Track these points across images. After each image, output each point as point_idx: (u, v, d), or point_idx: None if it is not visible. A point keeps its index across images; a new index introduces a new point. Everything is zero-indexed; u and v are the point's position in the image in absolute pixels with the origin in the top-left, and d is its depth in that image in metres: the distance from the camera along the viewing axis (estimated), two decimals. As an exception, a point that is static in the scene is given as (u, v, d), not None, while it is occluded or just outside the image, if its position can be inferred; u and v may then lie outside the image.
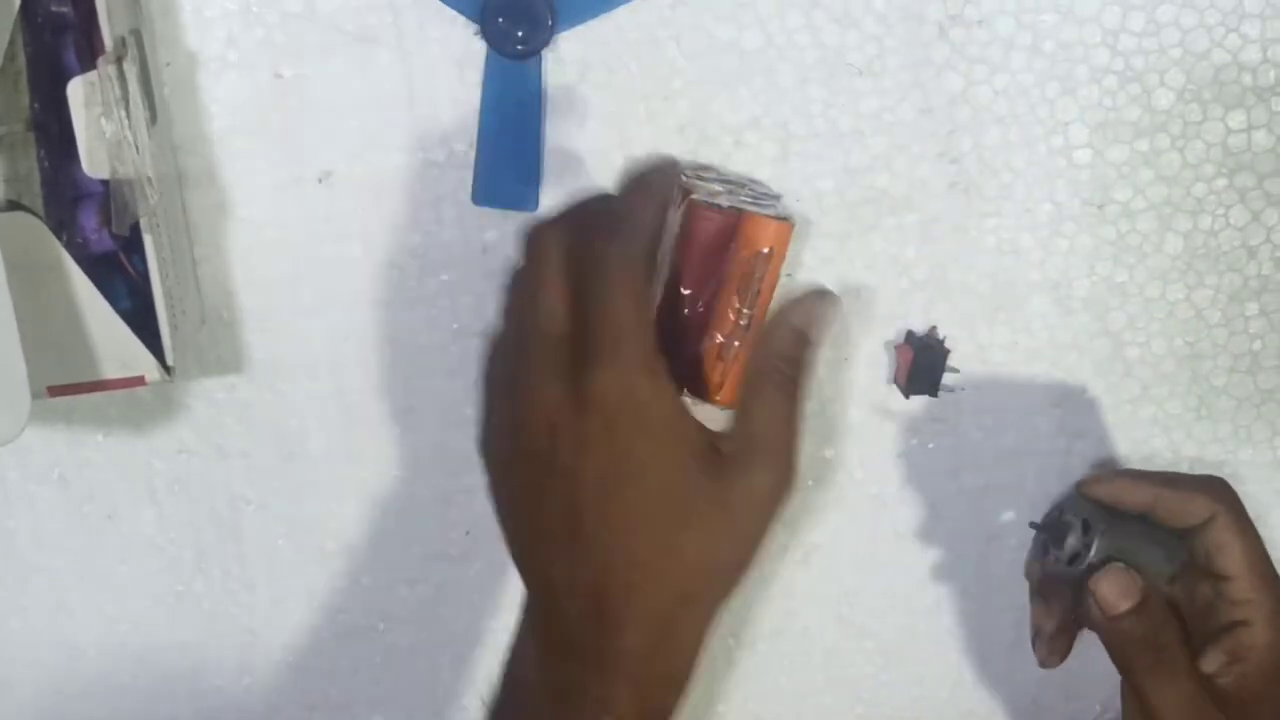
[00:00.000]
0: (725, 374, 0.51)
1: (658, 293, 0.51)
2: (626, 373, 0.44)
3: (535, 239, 0.47)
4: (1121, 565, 0.52)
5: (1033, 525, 0.55)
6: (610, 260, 0.45)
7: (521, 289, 0.47)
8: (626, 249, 0.45)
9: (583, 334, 0.45)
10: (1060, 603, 0.56)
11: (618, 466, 0.44)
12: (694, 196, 0.51)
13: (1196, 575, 0.53)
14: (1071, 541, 0.53)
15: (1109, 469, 0.58)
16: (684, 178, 0.53)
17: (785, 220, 0.51)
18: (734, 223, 0.51)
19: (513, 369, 0.46)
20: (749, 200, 0.52)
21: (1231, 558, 0.52)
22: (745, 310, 0.51)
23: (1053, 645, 0.56)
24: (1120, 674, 0.52)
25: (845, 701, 0.61)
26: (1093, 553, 0.52)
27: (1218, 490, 0.53)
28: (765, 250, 0.51)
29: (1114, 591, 0.52)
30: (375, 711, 0.59)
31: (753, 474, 0.46)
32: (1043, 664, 0.56)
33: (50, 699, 0.59)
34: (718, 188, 0.52)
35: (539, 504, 0.45)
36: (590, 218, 0.47)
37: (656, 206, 0.47)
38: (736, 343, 0.51)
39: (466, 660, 0.59)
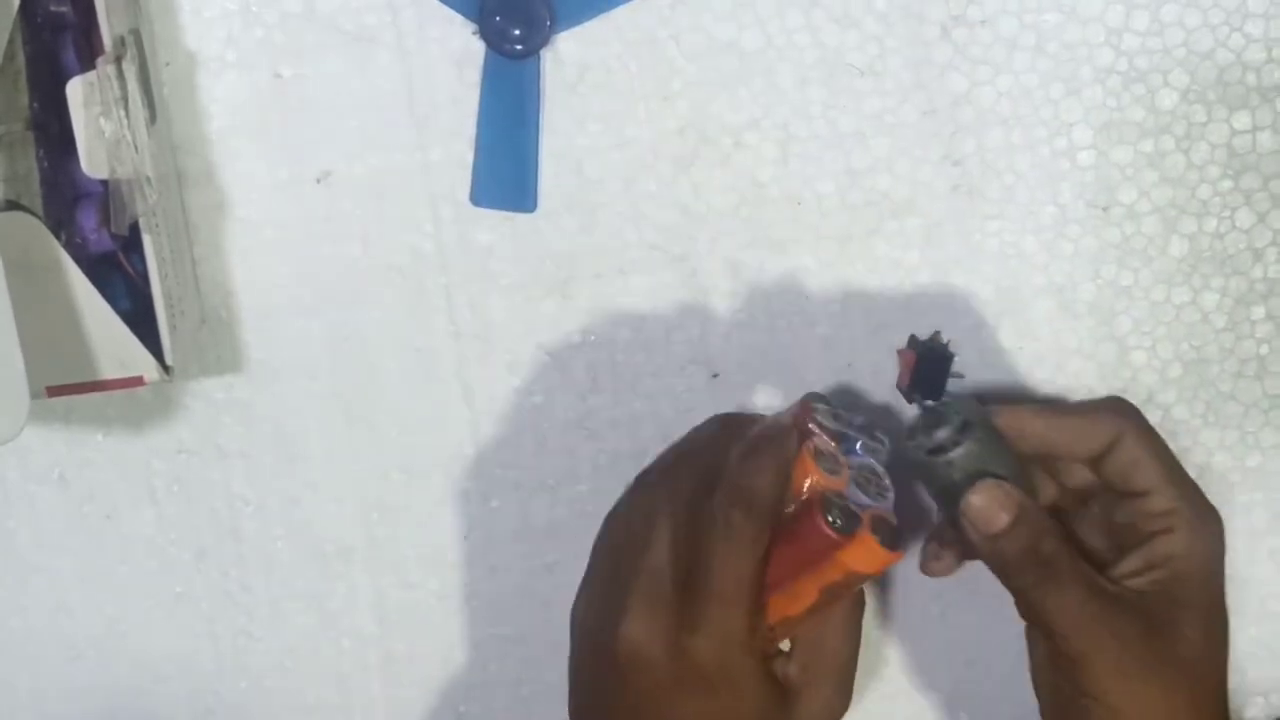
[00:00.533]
0: (772, 638, 0.50)
1: None
2: (727, 644, 0.47)
3: (659, 479, 0.50)
4: (992, 479, 0.48)
5: (916, 402, 0.51)
6: (733, 524, 0.47)
7: (636, 526, 0.49)
8: (749, 513, 0.47)
9: (693, 585, 0.47)
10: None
11: None
12: (819, 513, 0.47)
13: (1112, 501, 0.51)
14: (942, 434, 0.49)
15: (1015, 401, 0.55)
16: (812, 423, 0.50)
17: (896, 553, 0.47)
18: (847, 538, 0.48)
19: (618, 598, 0.48)
20: (863, 496, 0.49)
21: (1146, 472, 0.49)
22: (819, 604, 0.48)
23: (936, 552, 0.54)
24: (1012, 596, 0.49)
25: (848, 713, 0.60)
26: (958, 450, 0.49)
27: (1120, 408, 0.51)
28: (865, 573, 0.48)
29: (988, 507, 0.48)
30: (371, 716, 0.59)
31: (814, 702, 0.49)
32: (922, 569, 0.54)
33: (50, 699, 0.59)
34: (842, 455, 0.49)
35: None
36: (713, 469, 0.49)
37: (781, 474, 0.48)
38: (796, 627, 0.49)
39: (463, 666, 0.59)
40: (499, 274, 0.56)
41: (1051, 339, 0.56)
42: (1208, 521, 0.50)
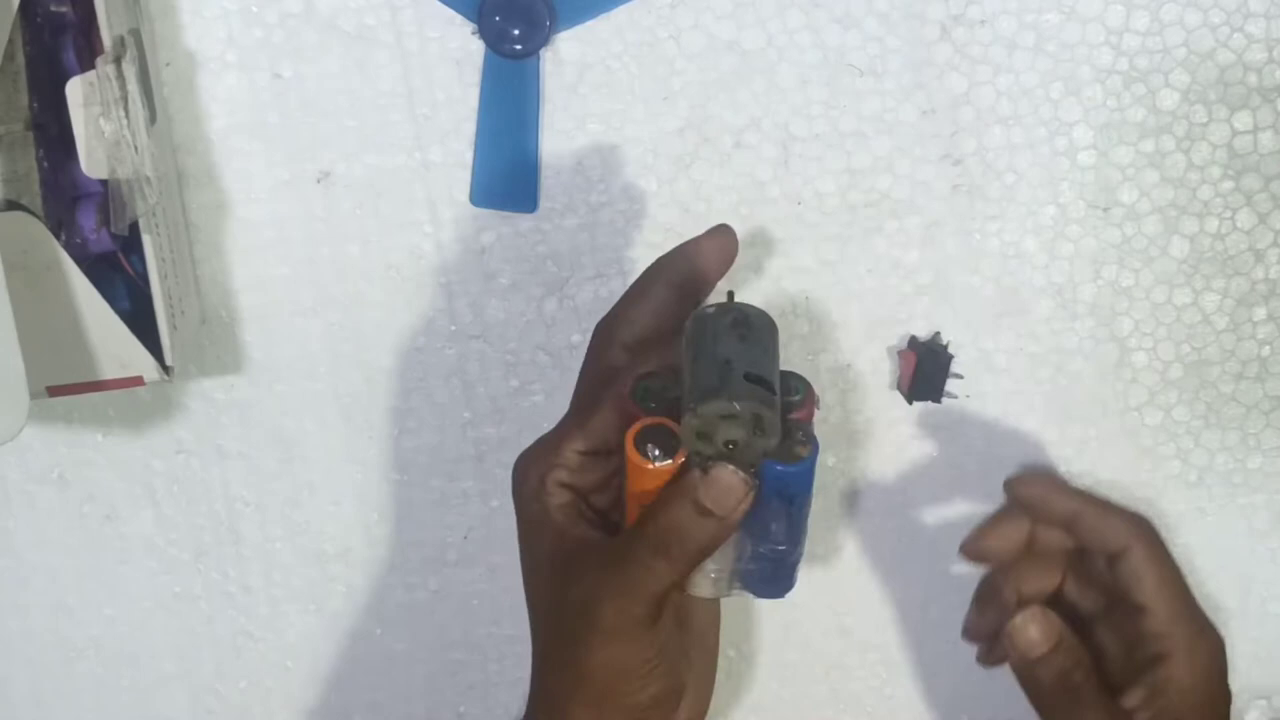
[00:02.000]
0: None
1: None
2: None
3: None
4: (1041, 606, 0.50)
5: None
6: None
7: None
8: (614, 331, 0.48)
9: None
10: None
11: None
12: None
13: (1122, 611, 0.52)
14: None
15: (1039, 471, 0.57)
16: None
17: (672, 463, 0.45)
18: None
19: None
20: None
21: (1147, 589, 0.51)
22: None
23: (990, 644, 0.54)
24: (1039, 714, 0.51)
25: (849, 715, 0.60)
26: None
27: (1138, 522, 0.52)
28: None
29: (1031, 631, 0.50)
30: (371, 716, 0.59)
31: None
32: (980, 662, 0.55)
33: (50, 699, 0.59)
34: None
35: None
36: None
37: (664, 288, 0.49)
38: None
39: (463, 665, 0.59)
40: (499, 274, 0.56)
41: (1051, 339, 0.56)
42: (1204, 642, 0.51)
